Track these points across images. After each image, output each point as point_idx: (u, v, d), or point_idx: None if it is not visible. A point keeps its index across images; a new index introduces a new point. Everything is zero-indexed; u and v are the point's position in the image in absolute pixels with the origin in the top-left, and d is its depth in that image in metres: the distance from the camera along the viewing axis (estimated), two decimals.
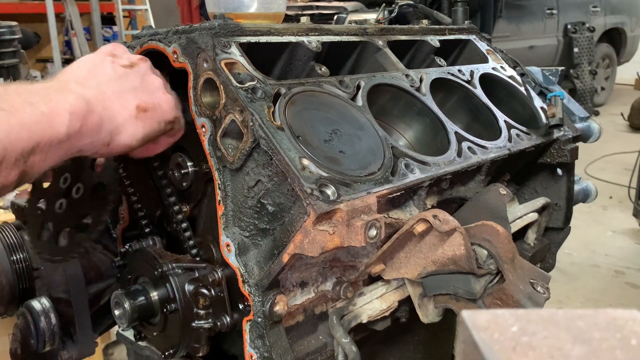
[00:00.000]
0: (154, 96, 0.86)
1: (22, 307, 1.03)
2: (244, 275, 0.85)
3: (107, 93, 0.80)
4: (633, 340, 0.33)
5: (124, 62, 0.86)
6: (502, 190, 1.06)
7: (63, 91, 0.75)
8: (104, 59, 0.86)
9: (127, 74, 0.85)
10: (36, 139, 0.68)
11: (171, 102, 0.89)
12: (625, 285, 3.58)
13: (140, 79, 0.86)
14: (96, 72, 0.83)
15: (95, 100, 0.78)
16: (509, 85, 1.35)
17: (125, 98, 0.82)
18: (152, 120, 0.85)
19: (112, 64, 0.85)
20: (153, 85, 0.87)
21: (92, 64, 0.84)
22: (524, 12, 7.69)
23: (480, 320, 0.35)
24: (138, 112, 0.83)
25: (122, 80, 0.83)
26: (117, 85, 0.82)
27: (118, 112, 0.81)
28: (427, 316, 0.97)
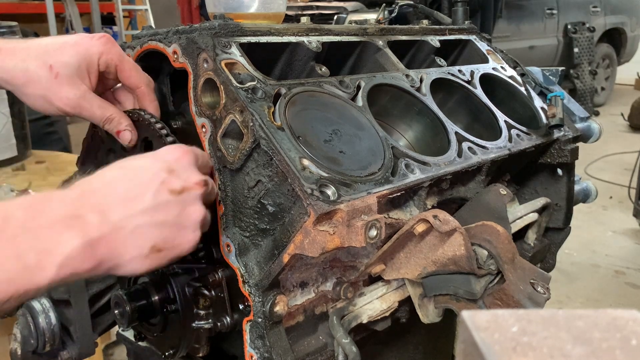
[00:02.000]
0: (181, 235, 0.74)
1: (22, 307, 1.03)
2: (244, 275, 0.85)
3: (126, 229, 0.69)
4: (633, 341, 0.33)
5: (175, 186, 0.73)
6: (502, 190, 1.06)
7: (71, 229, 0.64)
8: (156, 176, 0.72)
9: (168, 205, 0.72)
10: (10, 293, 0.60)
11: (195, 242, 0.76)
12: (625, 285, 3.58)
13: (178, 212, 0.73)
14: (134, 197, 0.70)
15: (104, 241, 0.67)
16: (509, 86, 1.35)
17: (144, 236, 0.70)
18: (164, 259, 0.74)
19: (159, 187, 0.72)
20: (189, 220, 0.74)
21: (136, 183, 0.71)
22: (524, 12, 7.69)
23: (480, 320, 0.35)
24: (151, 252, 0.71)
25: (156, 212, 0.71)
26: (146, 218, 0.70)
27: (126, 252, 0.69)
28: (428, 316, 0.97)
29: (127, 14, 8.15)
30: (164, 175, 0.73)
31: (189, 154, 0.78)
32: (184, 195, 0.74)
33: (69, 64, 0.88)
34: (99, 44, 0.91)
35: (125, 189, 0.71)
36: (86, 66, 0.90)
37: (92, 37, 0.92)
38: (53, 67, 0.88)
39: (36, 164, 2.58)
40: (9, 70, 0.89)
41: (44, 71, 0.88)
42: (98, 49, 0.91)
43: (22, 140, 2.58)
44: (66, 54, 0.89)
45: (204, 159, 0.83)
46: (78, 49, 0.90)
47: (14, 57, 0.89)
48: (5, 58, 0.89)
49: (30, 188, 2.21)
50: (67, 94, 0.89)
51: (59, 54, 0.89)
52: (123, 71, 0.93)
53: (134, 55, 1.00)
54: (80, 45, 0.90)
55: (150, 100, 0.96)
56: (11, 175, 2.39)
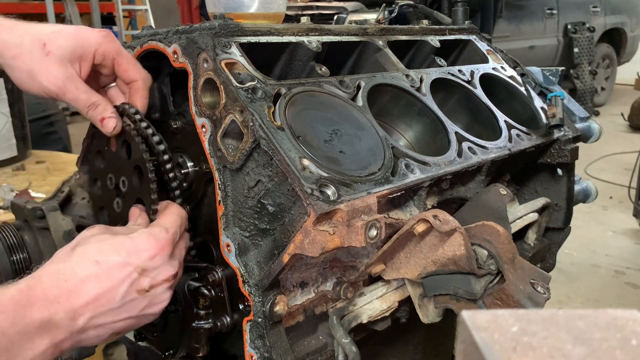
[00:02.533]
0: (143, 319, 0.80)
1: None
2: (244, 275, 0.85)
3: (91, 328, 0.75)
4: (633, 341, 0.33)
5: (143, 286, 0.77)
6: (502, 190, 1.06)
7: (44, 334, 0.70)
8: (126, 278, 0.76)
9: (133, 302, 0.77)
10: None
11: (156, 316, 0.82)
12: (625, 285, 3.58)
13: (144, 306, 0.79)
14: (103, 301, 0.74)
15: (70, 340, 0.73)
16: (509, 86, 1.35)
17: (106, 328, 0.76)
18: (122, 332, 0.80)
19: (128, 289, 0.76)
20: (153, 310, 0.80)
21: (108, 285, 0.75)
22: (524, 12, 7.69)
23: (480, 320, 0.35)
24: (111, 336, 0.78)
25: (121, 311, 0.76)
26: (110, 318, 0.76)
27: (88, 340, 0.76)
28: (428, 316, 0.97)
29: (127, 14, 8.15)
30: (135, 276, 0.77)
31: (165, 249, 0.81)
32: (152, 292, 0.79)
33: (62, 46, 0.89)
34: (98, 35, 0.92)
35: (96, 292, 0.74)
36: (80, 53, 0.90)
37: (93, 30, 0.93)
38: (46, 45, 0.88)
39: (36, 164, 2.58)
40: (3, 42, 0.90)
41: (36, 47, 0.88)
42: (96, 40, 0.91)
43: (22, 140, 2.58)
44: (63, 37, 0.90)
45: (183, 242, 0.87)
46: (75, 36, 0.90)
47: (10, 32, 0.90)
48: (2, 31, 0.90)
49: (30, 188, 2.21)
50: (55, 73, 0.88)
51: (56, 36, 0.89)
52: (120, 64, 0.93)
53: (134, 55, 1.00)
54: (79, 33, 0.91)
55: (141, 96, 0.95)
56: (11, 175, 2.39)
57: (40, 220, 1.08)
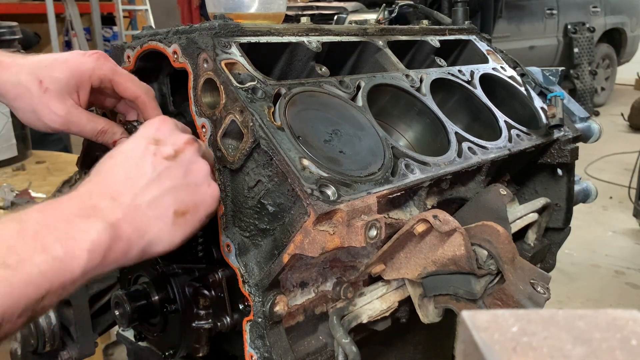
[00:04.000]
0: (198, 192, 0.76)
1: None
2: (244, 275, 0.85)
3: (141, 206, 0.70)
4: (633, 341, 0.33)
5: (168, 152, 0.75)
6: (502, 190, 1.06)
7: (88, 218, 0.65)
8: (146, 151, 0.74)
9: (169, 170, 0.74)
10: (44, 290, 0.60)
11: (216, 194, 0.78)
12: (625, 285, 3.58)
13: (183, 173, 0.75)
14: (135, 176, 0.72)
15: (126, 221, 0.68)
16: (509, 86, 1.35)
17: (162, 205, 0.72)
18: (193, 221, 0.75)
19: (154, 159, 0.73)
20: (198, 177, 0.76)
21: (131, 163, 0.73)
22: (524, 12, 7.69)
23: (480, 320, 0.35)
24: (176, 218, 0.72)
25: (161, 180, 0.72)
26: (155, 189, 0.72)
27: (151, 225, 0.71)
28: (428, 316, 0.97)
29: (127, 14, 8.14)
30: (153, 147, 0.75)
31: (166, 121, 0.80)
32: (181, 157, 0.75)
33: (58, 79, 0.89)
34: (91, 60, 0.91)
35: (124, 172, 0.72)
36: (75, 82, 0.90)
37: (85, 54, 0.92)
38: (43, 82, 0.89)
39: (36, 164, 2.58)
40: (2, 82, 0.90)
41: (34, 86, 0.89)
42: (89, 66, 0.91)
43: (22, 141, 2.59)
44: (57, 69, 0.89)
45: (181, 124, 0.84)
46: (69, 65, 0.90)
47: (7, 71, 0.90)
48: (1, 70, 0.90)
49: (30, 188, 2.21)
50: (55, 109, 0.89)
51: (50, 70, 0.89)
52: (119, 84, 0.93)
53: (134, 55, 1.00)
54: (72, 61, 0.91)
55: (152, 108, 0.94)
56: (11, 175, 2.39)
57: None
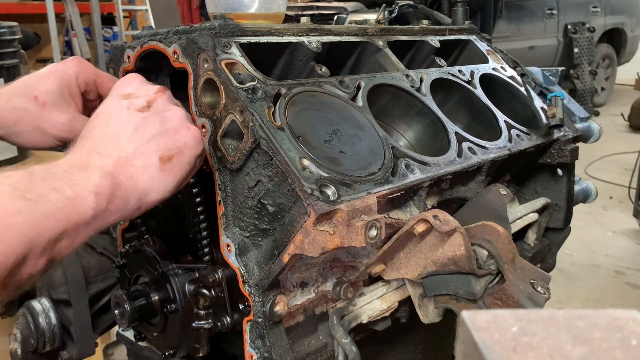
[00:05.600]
0: (178, 136, 0.78)
1: (23, 308, 1.03)
2: (244, 275, 0.85)
3: (127, 156, 0.74)
4: (633, 341, 0.33)
5: (140, 104, 0.78)
6: (502, 190, 1.06)
7: (86, 169, 0.70)
8: (119, 105, 0.78)
9: (145, 120, 0.77)
10: (63, 226, 0.64)
11: (197, 135, 0.80)
12: (625, 285, 3.58)
13: (159, 121, 0.78)
14: (114, 131, 0.75)
15: (118, 171, 0.72)
16: (509, 86, 1.35)
17: (146, 154, 0.75)
18: (181, 164, 0.77)
19: (128, 112, 0.77)
20: (174, 122, 0.79)
21: (109, 121, 0.77)
22: (524, 12, 7.69)
23: (480, 320, 0.35)
24: (163, 164, 0.76)
25: (140, 130, 0.76)
26: (135, 140, 0.75)
27: (141, 174, 0.74)
28: (428, 316, 0.97)
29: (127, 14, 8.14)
30: (125, 102, 0.78)
31: (135, 76, 0.83)
32: (154, 106, 0.79)
33: (51, 91, 0.90)
34: (72, 65, 0.92)
35: (102, 130, 0.76)
36: (68, 90, 0.91)
37: (64, 62, 0.93)
38: (38, 97, 0.89)
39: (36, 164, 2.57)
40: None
41: (30, 104, 0.89)
42: (73, 70, 0.92)
43: None
44: (46, 83, 0.90)
45: None
46: (56, 76, 0.91)
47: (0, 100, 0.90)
48: None
49: None
50: (59, 119, 0.90)
51: (40, 85, 0.90)
52: (102, 84, 0.94)
53: (134, 55, 1.00)
54: (56, 71, 0.92)
55: None
56: None
57: None
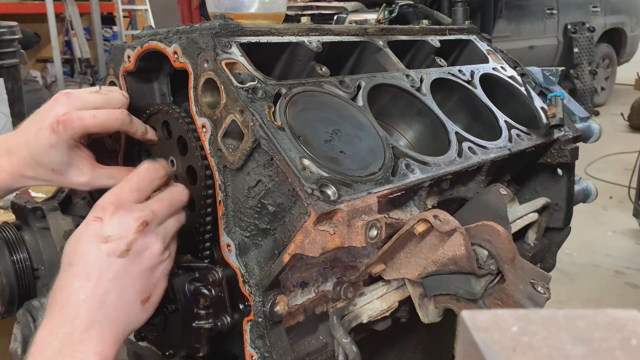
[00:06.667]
0: (155, 274, 0.81)
1: (23, 307, 1.03)
2: (245, 275, 0.85)
3: (110, 311, 0.76)
4: (633, 341, 0.33)
5: (120, 248, 0.77)
6: (502, 190, 1.06)
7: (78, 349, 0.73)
8: (99, 253, 0.77)
9: (125, 268, 0.77)
10: None
11: (167, 270, 0.83)
12: (625, 285, 3.58)
13: (138, 264, 0.79)
14: (94, 287, 0.76)
15: (104, 336, 0.75)
16: (510, 86, 1.35)
17: (127, 300, 0.78)
18: (155, 301, 0.83)
19: (108, 259, 0.77)
20: (151, 260, 0.80)
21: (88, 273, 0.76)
22: (524, 12, 7.69)
23: (480, 320, 0.35)
24: (142, 305, 0.80)
25: (120, 279, 0.77)
26: (116, 289, 0.77)
27: (125, 319, 0.78)
28: (428, 316, 0.97)
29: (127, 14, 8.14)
30: (104, 247, 0.77)
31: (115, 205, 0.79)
32: (133, 249, 0.78)
33: (62, 162, 0.91)
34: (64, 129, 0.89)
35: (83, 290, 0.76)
36: (76, 154, 0.92)
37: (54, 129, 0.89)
38: (55, 170, 0.92)
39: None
40: None
41: (50, 175, 0.92)
42: (69, 135, 0.90)
43: None
44: (51, 154, 0.90)
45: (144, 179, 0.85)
46: (57, 149, 0.90)
47: None
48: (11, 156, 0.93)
49: (30, 188, 2.21)
50: (80, 181, 0.94)
51: (47, 157, 0.90)
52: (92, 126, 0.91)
53: (134, 55, 1.00)
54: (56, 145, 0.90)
55: None
56: None
57: (40, 220, 1.08)
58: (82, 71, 6.95)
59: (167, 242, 0.83)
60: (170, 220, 0.85)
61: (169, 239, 0.84)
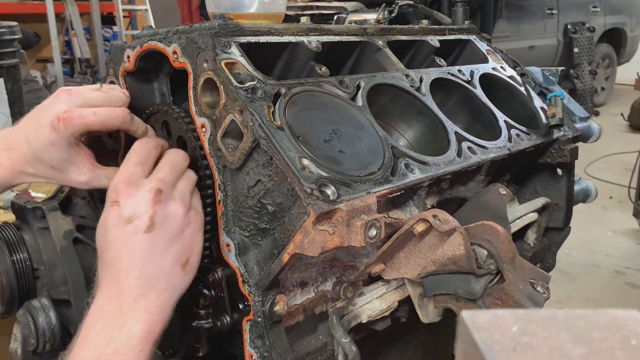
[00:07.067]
0: (185, 237, 0.84)
1: (23, 307, 1.03)
2: (244, 275, 0.85)
3: (152, 284, 0.80)
4: (633, 341, 0.33)
5: (145, 224, 0.80)
6: (502, 190, 1.06)
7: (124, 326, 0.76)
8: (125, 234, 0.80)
9: (155, 240, 0.80)
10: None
11: (198, 223, 0.86)
12: (625, 285, 3.58)
13: (166, 233, 0.82)
14: (131, 267, 0.79)
15: (158, 304, 0.79)
16: (509, 86, 1.35)
17: (167, 269, 0.81)
18: (196, 257, 0.85)
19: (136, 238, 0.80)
20: (177, 224, 0.83)
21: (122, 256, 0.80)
22: (524, 12, 7.69)
23: (480, 320, 0.35)
24: (183, 268, 0.83)
25: (154, 253, 0.80)
26: (153, 263, 0.80)
27: (169, 288, 0.81)
28: (427, 316, 0.97)
29: (127, 14, 8.14)
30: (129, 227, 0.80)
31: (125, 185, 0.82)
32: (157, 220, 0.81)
33: (62, 159, 0.91)
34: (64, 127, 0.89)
35: (122, 270, 0.80)
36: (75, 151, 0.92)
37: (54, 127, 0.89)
38: (54, 167, 0.92)
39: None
40: None
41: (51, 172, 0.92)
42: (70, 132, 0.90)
43: None
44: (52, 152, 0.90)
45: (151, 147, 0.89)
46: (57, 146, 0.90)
47: None
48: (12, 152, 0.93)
49: (30, 188, 2.21)
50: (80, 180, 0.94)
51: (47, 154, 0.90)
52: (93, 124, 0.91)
53: (134, 55, 1.00)
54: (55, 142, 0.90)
55: None
56: None
57: (40, 220, 1.08)
58: (82, 71, 6.95)
59: (187, 202, 0.85)
60: (182, 181, 0.87)
61: (188, 199, 0.86)
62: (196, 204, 0.87)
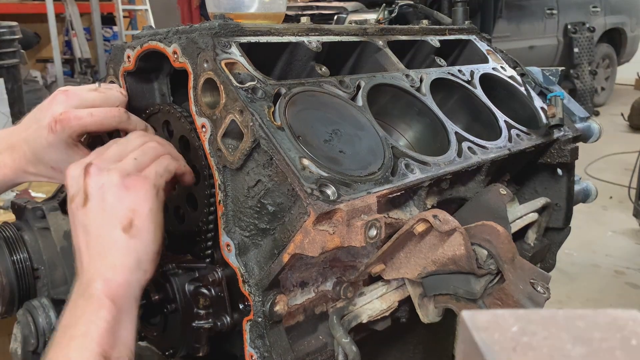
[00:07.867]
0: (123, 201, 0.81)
1: (23, 307, 1.03)
2: (244, 275, 0.85)
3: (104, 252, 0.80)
4: (633, 341, 0.33)
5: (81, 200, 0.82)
6: (502, 190, 1.06)
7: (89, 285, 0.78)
8: (71, 214, 0.82)
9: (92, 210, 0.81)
10: None
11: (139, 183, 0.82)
12: (625, 285, 3.58)
13: (100, 202, 0.81)
14: (83, 239, 0.81)
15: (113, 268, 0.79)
16: (509, 86, 1.35)
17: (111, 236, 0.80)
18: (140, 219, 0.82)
19: (76, 214, 0.82)
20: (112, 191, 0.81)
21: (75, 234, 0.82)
22: (524, 12, 7.69)
23: (480, 320, 0.35)
24: (126, 230, 0.80)
25: (94, 222, 0.81)
26: (97, 232, 0.81)
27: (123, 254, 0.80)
28: (428, 316, 0.97)
29: (127, 14, 8.14)
30: (72, 205, 0.82)
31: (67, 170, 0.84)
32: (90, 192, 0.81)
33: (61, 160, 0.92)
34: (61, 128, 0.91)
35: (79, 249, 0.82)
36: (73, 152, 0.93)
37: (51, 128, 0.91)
38: (55, 168, 0.93)
39: None
40: None
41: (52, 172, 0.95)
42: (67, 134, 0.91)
43: None
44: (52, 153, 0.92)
45: None
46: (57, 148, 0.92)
47: None
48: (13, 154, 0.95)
49: (30, 188, 2.21)
50: None
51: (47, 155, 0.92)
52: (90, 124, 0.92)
53: (134, 55, 1.00)
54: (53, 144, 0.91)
55: None
56: None
57: (40, 220, 1.08)
58: (82, 71, 6.95)
59: (127, 170, 0.83)
60: (132, 154, 0.86)
61: (132, 168, 0.83)
62: (149, 168, 0.85)
